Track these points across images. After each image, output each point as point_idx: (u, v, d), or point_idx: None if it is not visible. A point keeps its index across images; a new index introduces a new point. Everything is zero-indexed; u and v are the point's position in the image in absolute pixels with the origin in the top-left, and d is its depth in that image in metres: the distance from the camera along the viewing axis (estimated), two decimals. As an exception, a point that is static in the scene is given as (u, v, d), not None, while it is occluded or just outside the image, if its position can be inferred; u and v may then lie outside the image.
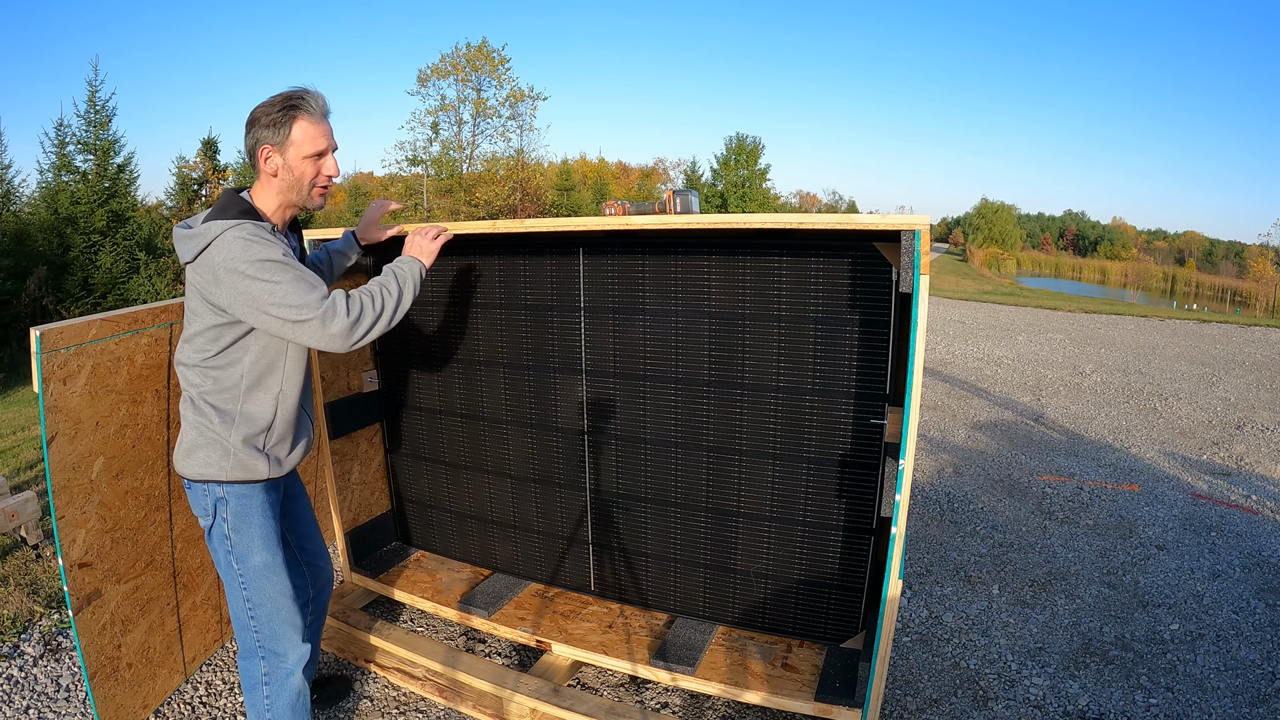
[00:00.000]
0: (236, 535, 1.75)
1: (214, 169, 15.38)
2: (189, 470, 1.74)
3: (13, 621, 2.74)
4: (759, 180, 32.43)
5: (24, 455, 4.86)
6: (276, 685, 1.83)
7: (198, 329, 1.68)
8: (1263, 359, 8.72)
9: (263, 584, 1.78)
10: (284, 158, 1.68)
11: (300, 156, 1.69)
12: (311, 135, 1.69)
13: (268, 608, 1.79)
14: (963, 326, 11.41)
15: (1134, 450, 5.14)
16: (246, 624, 1.81)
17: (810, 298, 2.05)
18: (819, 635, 2.28)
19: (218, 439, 1.72)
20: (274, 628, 1.81)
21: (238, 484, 1.74)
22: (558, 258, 2.37)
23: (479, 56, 22.24)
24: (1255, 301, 42.56)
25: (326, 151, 1.73)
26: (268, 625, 1.80)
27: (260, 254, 1.58)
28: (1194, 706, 2.38)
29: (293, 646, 1.83)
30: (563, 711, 2.13)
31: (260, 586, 1.78)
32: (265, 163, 1.69)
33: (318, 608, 2.14)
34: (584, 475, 2.50)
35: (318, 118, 1.70)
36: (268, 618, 1.80)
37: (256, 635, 1.81)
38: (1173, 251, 70.25)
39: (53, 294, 11.48)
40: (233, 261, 1.57)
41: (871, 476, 2.08)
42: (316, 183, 1.74)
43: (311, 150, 1.69)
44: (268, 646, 1.82)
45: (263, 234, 1.62)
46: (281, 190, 1.72)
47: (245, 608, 1.79)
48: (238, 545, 1.76)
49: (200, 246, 1.61)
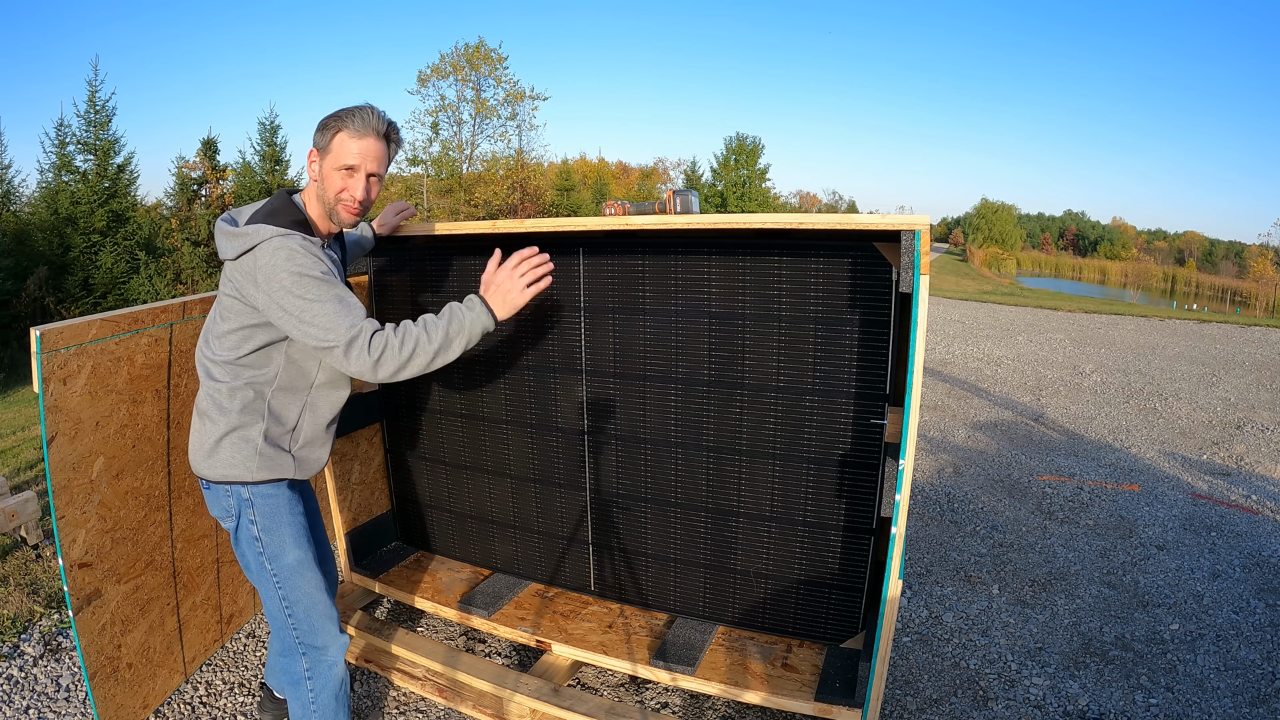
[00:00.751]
0: (268, 535, 1.74)
1: (214, 169, 15.37)
2: (211, 472, 1.72)
3: (13, 621, 2.74)
4: (759, 180, 32.43)
5: (24, 455, 4.86)
6: (320, 679, 1.83)
7: (231, 327, 1.67)
8: (1263, 359, 8.72)
9: (297, 581, 1.77)
10: (322, 164, 1.70)
11: (333, 167, 1.68)
12: (346, 149, 1.67)
13: (304, 604, 1.79)
14: (963, 326, 11.41)
15: (1134, 450, 5.14)
16: (285, 622, 1.80)
17: (810, 298, 2.05)
18: (819, 635, 2.28)
19: (244, 437, 1.70)
20: (312, 622, 1.80)
21: (265, 484, 1.73)
22: (558, 258, 2.35)
23: (477, 56, 22.24)
24: (1255, 301, 42.57)
25: (356, 170, 1.69)
26: (305, 621, 1.80)
27: (303, 267, 1.58)
28: (1194, 706, 2.38)
29: (332, 638, 1.83)
30: (563, 711, 2.13)
31: (295, 584, 1.77)
32: (310, 166, 1.72)
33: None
34: (584, 475, 2.50)
35: (359, 134, 1.67)
36: (305, 614, 1.79)
37: (295, 633, 1.80)
38: (1173, 251, 70.26)
39: (53, 294, 11.49)
40: (275, 270, 1.57)
41: (871, 476, 2.08)
42: (340, 196, 1.71)
43: (343, 163, 1.68)
44: (307, 642, 1.81)
45: (311, 249, 1.62)
46: (318, 196, 1.74)
47: (282, 607, 1.79)
48: (270, 545, 1.75)
49: (245, 247, 1.61)
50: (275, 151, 15.19)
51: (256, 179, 14.92)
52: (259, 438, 1.71)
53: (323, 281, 1.59)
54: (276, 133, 15.27)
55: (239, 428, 1.70)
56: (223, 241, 1.66)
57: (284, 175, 15.28)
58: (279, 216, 1.65)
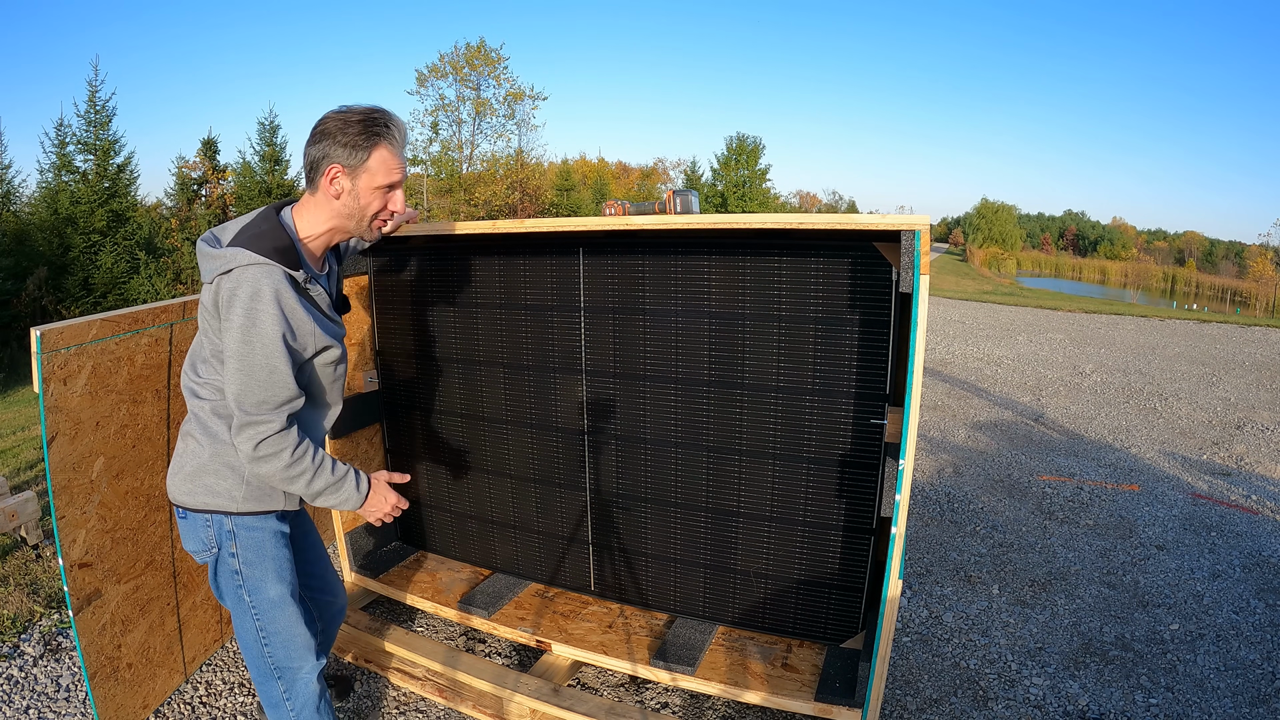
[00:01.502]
0: (249, 569, 1.65)
1: (214, 169, 15.38)
2: (191, 499, 1.61)
3: (13, 621, 2.74)
4: (759, 180, 32.40)
5: (24, 455, 4.86)
6: (298, 698, 1.79)
7: (212, 351, 1.56)
8: (1263, 359, 8.72)
9: (276, 615, 1.69)
10: (354, 183, 1.53)
11: (372, 186, 1.54)
12: (390, 166, 1.54)
13: (283, 636, 1.71)
14: (963, 326, 11.41)
15: (1134, 450, 5.14)
16: (260, 652, 1.73)
17: (810, 298, 2.05)
18: (819, 635, 2.28)
19: (229, 464, 1.59)
20: (289, 652, 1.74)
21: (250, 515, 1.63)
22: (558, 258, 2.37)
23: (476, 55, 22.24)
24: (1255, 301, 42.56)
25: (399, 184, 1.59)
26: (283, 651, 1.73)
27: (259, 318, 1.44)
28: (1194, 706, 2.38)
29: (306, 661, 1.77)
30: (563, 711, 2.13)
31: (274, 617, 1.69)
32: (330, 183, 1.53)
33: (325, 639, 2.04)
34: (584, 475, 2.50)
35: (398, 148, 1.55)
36: (283, 644, 1.73)
37: (270, 660, 1.75)
38: (1173, 251, 70.27)
39: (53, 294, 11.48)
40: (234, 301, 1.44)
41: (871, 476, 2.08)
42: (380, 215, 1.60)
43: (385, 181, 1.55)
44: (282, 666, 1.75)
45: (285, 292, 1.47)
46: (340, 215, 1.57)
47: (259, 638, 1.71)
48: (250, 579, 1.66)
49: (220, 270, 1.47)
50: (275, 151, 15.18)
51: (256, 179, 14.91)
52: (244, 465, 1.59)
53: (270, 344, 1.45)
54: (276, 133, 15.27)
55: (221, 455, 1.59)
56: (203, 262, 1.52)
57: (284, 175, 15.27)
58: (261, 241, 1.48)
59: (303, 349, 1.54)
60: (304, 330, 1.52)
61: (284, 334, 1.47)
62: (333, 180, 1.53)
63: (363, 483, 1.64)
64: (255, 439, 1.48)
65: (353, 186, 1.53)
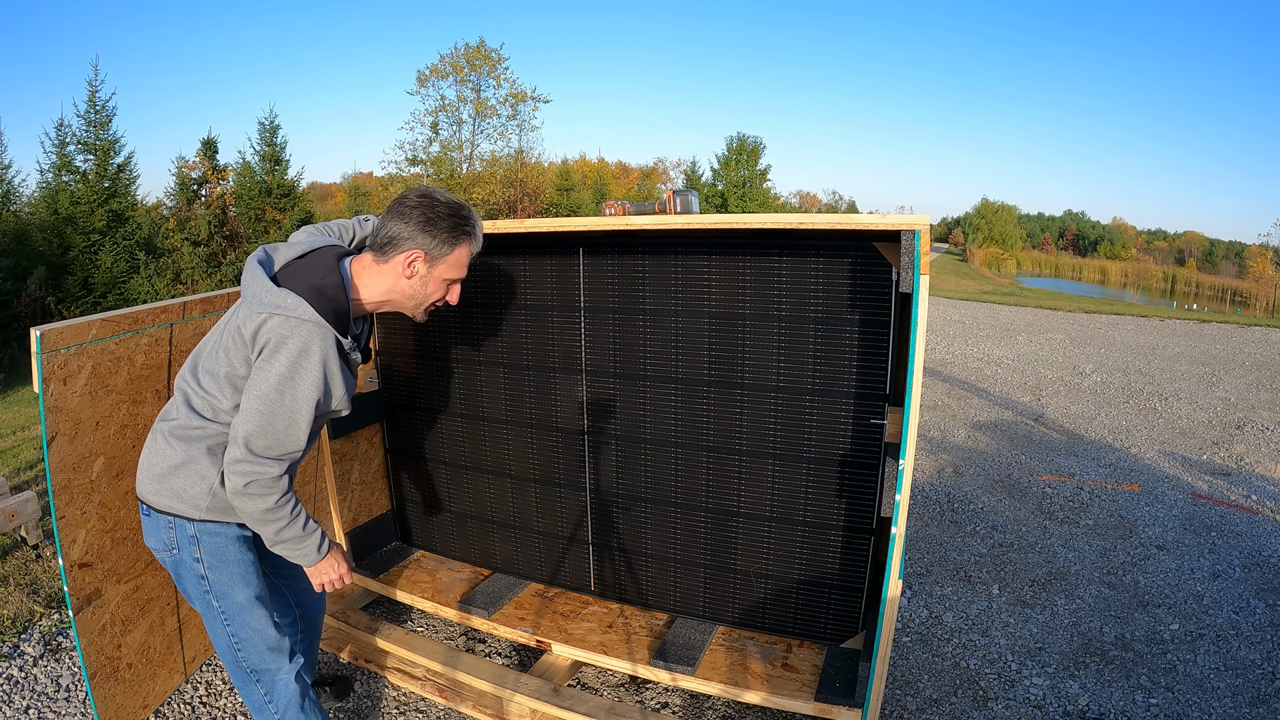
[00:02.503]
0: (214, 574, 1.66)
1: (214, 169, 15.36)
2: (158, 499, 1.61)
3: (13, 621, 2.74)
4: (759, 180, 32.39)
5: (24, 455, 4.86)
6: (280, 699, 1.79)
7: (228, 371, 1.55)
8: (1263, 359, 8.72)
9: (246, 618, 1.70)
10: (430, 271, 1.61)
11: (444, 277, 1.63)
12: (463, 264, 1.64)
13: (254, 639, 1.72)
14: (963, 326, 11.41)
15: (1134, 450, 5.14)
16: (234, 657, 1.73)
17: (810, 298, 2.05)
18: (819, 635, 2.28)
19: (199, 473, 1.60)
20: (263, 654, 1.74)
21: (212, 522, 1.63)
22: (558, 258, 2.37)
23: (477, 56, 22.24)
24: (1255, 301, 42.55)
25: (460, 280, 1.69)
26: (256, 654, 1.73)
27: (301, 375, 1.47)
28: (1194, 706, 2.38)
29: (282, 662, 1.77)
30: (563, 711, 2.13)
31: (245, 621, 1.70)
32: (408, 265, 1.59)
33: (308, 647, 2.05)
34: (584, 475, 2.50)
35: (477, 248, 1.65)
36: (255, 648, 1.73)
37: (246, 664, 1.75)
38: (1173, 251, 70.25)
39: (53, 294, 11.48)
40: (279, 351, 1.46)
41: (871, 476, 2.08)
42: (436, 302, 1.68)
43: (455, 276, 1.65)
44: (259, 669, 1.75)
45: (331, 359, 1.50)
46: (402, 293, 1.63)
47: (230, 642, 1.72)
48: (216, 584, 1.66)
49: (274, 308, 1.47)
50: (275, 151, 15.17)
51: (256, 179, 14.90)
52: (215, 477, 1.60)
53: (301, 402, 1.48)
54: (276, 133, 15.25)
55: (195, 462, 1.59)
56: (252, 282, 1.51)
57: (284, 175, 15.27)
58: (324, 300, 1.50)
59: (325, 409, 1.57)
60: (337, 395, 1.56)
61: (319, 397, 1.51)
62: (411, 263, 1.59)
63: (324, 546, 1.67)
64: (249, 478, 1.49)
65: (427, 273, 1.61)
